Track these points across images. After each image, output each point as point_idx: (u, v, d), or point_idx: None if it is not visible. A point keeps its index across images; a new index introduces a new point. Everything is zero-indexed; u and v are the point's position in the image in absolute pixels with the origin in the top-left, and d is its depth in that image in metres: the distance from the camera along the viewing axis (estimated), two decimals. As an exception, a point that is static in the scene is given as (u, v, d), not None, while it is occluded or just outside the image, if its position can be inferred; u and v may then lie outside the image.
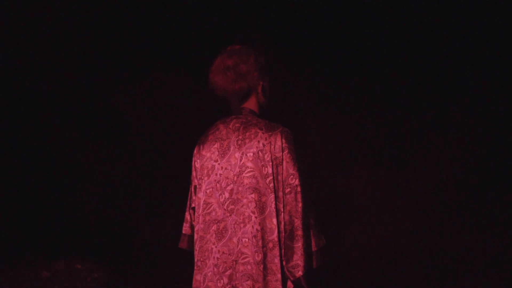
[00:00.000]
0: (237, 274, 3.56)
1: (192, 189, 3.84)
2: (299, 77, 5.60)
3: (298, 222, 3.55)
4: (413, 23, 5.69)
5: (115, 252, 6.18)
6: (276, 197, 3.57)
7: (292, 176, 3.58)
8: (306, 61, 5.60)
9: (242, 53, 3.70)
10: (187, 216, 3.90)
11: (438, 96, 5.82)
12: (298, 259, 3.52)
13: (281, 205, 3.57)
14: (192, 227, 3.88)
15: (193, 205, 3.84)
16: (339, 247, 5.68)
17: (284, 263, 3.54)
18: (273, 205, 3.56)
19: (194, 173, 3.83)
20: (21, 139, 5.94)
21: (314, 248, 3.60)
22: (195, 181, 3.82)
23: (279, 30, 5.55)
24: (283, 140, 3.61)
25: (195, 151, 3.84)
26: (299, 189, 3.57)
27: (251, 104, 3.77)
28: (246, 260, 3.56)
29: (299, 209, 3.55)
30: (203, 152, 3.76)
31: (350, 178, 5.83)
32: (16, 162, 5.93)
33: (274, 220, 3.55)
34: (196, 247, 3.72)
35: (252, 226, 3.56)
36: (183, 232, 3.90)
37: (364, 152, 5.80)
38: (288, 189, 3.57)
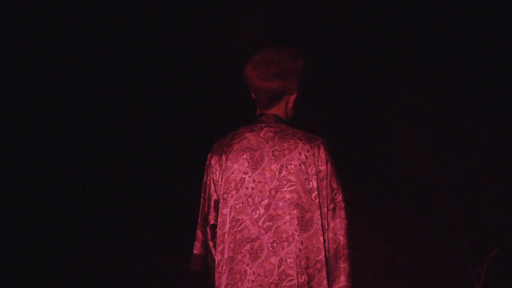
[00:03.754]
0: None
1: (212, 204, 3.44)
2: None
3: (344, 240, 3.32)
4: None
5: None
6: (321, 214, 3.32)
7: (335, 191, 3.35)
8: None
9: (291, 53, 3.40)
10: (199, 234, 3.48)
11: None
12: (345, 280, 3.29)
13: (326, 222, 3.33)
14: (205, 246, 3.46)
15: (212, 222, 3.44)
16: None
17: None
18: (320, 222, 3.30)
19: (212, 186, 3.43)
20: None
21: None
22: (214, 196, 3.43)
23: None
24: (326, 152, 3.36)
25: (212, 162, 3.44)
26: (343, 204, 3.34)
27: (278, 111, 3.45)
28: (292, 282, 3.25)
29: (344, 226, 3.33)
30: (229, 163, 3.38)
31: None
32: None
33: (321, 238, 3.29)
34: (223, 269, 3.32)
35: (295, 245, 3.27)
36: (195, 252, 3.46)
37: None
38: (332, 205, 3.33)
